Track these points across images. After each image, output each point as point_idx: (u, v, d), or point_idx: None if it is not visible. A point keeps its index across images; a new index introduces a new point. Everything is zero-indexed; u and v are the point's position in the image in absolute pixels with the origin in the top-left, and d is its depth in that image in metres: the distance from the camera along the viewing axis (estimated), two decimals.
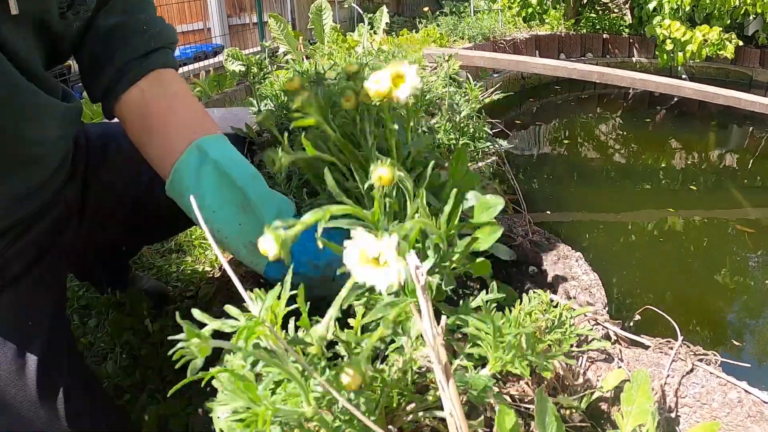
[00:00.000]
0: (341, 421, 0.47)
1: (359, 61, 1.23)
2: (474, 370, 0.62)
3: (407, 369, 0.56)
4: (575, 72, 3.61)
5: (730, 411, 0.74)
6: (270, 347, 0.40)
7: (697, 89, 3.48)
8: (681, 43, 5.00)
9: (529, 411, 0.69)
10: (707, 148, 4.08)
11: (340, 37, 3.36)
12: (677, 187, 3.24)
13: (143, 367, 1.39)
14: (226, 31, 6.02)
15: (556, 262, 1.03)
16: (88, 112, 2.84)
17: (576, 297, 0.92)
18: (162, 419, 1.22)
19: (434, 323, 0.36)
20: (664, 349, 0.84)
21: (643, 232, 2.65)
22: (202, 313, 0.38)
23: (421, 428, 0.60)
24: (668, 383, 0.77)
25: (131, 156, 0.93)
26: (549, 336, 0.66)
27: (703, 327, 1.90)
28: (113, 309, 1.58)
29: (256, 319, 0.37)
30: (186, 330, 0.32)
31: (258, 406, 0.39)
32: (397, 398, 0.56)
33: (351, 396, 0.46)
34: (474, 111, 1.23)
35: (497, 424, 0.53)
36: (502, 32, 5.56)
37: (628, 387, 0.60)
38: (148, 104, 0.87)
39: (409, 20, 6.84)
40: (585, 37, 6.10)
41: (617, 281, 2.16)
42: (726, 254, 2.44)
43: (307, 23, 3.63)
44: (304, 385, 0.41)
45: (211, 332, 0.36)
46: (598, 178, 3.41)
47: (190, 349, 0.33)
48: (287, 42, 3.21)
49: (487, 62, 3.86)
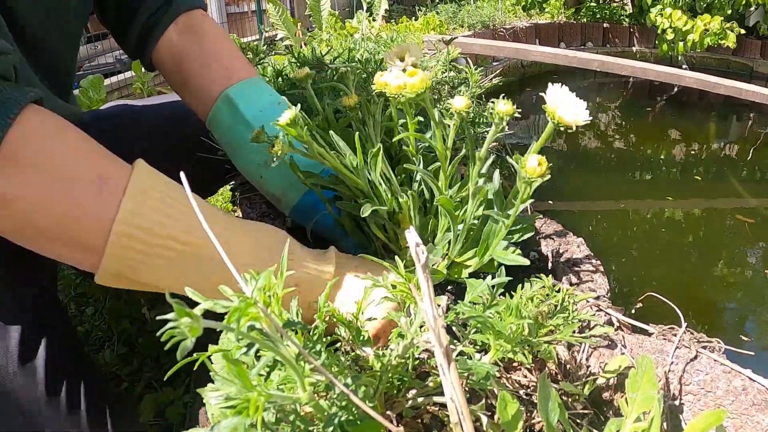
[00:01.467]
0: (338, 407, 0.46)
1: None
2: (476, 356, 0.61)
3: (408, 354, 0.54)
4: (575, 60, 3.59)
5: (735, 399, 0.73)
6: (265, 330, 0.39)
7: (698, 78, 3.45)
8: (682, 33, 4.96)
9: (531, 399, 0.67)
10: (707, 138, 4.06)
11: (338, 23, 3.33)
12: (678, 177, 3.23)
13: (141, 355, 1.38)
14: (224, 20, 5.98)
15: (557, 248, 1.01)
16: (85, 101, 2.83)
17: (578, 283, 0.91)
18: (160, 407, 1.22)
19: (435, 304, 0.35)
20: (668, 336, 0.83)
21: (644, 220, 2.64)
22: (195, 292, 0.37)
23: (422, 414, 0.59)
24: (672, 370, 0.76)
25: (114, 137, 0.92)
26: (551, 321, 0.65)
27: (706, 315, 1.90)
28: (111, 297, 1.57)
29: (248, 300, 0.36)
30: (176, 309, 0.30)
31: (251, 391, 0.37)
32: (397, 384, 0.55)
33: (348, 381, 0.45)
34: (474, 96, 1.21)
35: (499, 411, 0.52)
36: (502, 20, 5.52)
37: (633, 373, 0.59)
38: (180, 54, 0.88)
39: (408, 8, 6.79)
40: (585, 26, 6.06)
41: (619, 269, 2.15)
42: (727, 243, 2.43)
43: (306, 10, 3.59)
44: (298, 370, 0.39)
45: (203, 313, 0.35)
46: (598, 167, 3.39)
47: (180, 329, 0.31)
48: (286, 28, 3.18)
49: (486, 50, 3.83)
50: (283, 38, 3.27)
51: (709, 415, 0.55)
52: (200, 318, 0.32)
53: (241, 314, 0.35)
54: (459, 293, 0.86)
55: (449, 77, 1.43)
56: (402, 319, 0.53)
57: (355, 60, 1.20)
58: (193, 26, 0.90)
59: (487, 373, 0.54)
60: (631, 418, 0.56)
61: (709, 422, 0.54)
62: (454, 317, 0.60)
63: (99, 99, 2.88)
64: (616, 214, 2.69)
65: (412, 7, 6.58)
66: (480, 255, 0.78)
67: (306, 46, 2.54)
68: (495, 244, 0.76)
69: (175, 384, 1.27)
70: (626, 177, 3.20)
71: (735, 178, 3.20)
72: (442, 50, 1.54)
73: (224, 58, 0.89)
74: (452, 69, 1.53)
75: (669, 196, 2.84)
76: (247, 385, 0.36)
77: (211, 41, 0.90)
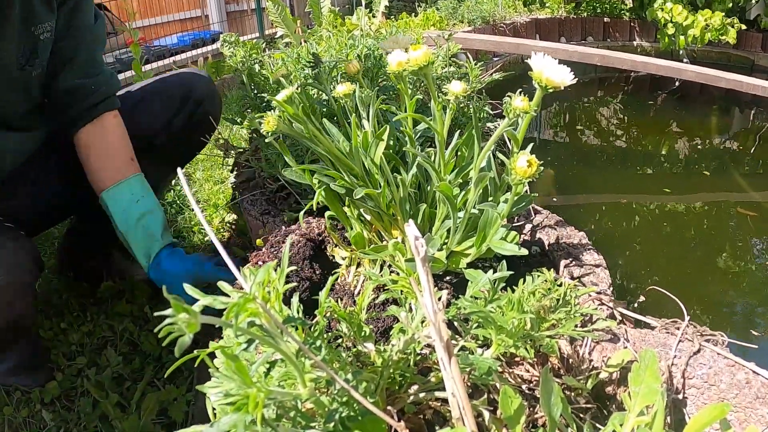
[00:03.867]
0: (339, 403, 0.46)
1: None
2: (478, 351, 0.61)
3: (409, 349, 0.54)
4: (576, 55, 3.57)
5: (738, 392, 0.72)
6: (265, 326, 0.39)
7: (699, 72, 3.44)
8: (683, 27, 4.94)
9: (533, 393, 0.67)
10: (709, 132, 4.05)
11: (338, 20, 3.33)
12: (679, 171, 3.22)
13: (143, 354, 1.38)
14: (224, 18, 5.98)
15: (559, 242, 1.01)
16: None
17: (580, 278, 0.90)
18: (162, 405, 1.22)
19: (435, 298, 0.35)
20: (671, 330, 0.82)
21: (646, 214, 2.64)
22: (193, 288, 0.36)
23: (423, 410, 0.58)
24: (675, 364, 0.76)
25: None
26: (553, 315, 0.65)
27: (709, 308, 1.89)
28: (113, 297, 1.57)
29: (246, 296, 0.35)
30: (173, 304, 0.30)
31: (250, 388, 0.37)
32: (399, 379, 0.55)
33: (349, 377, 0.45)
34: (474, 90, 1.21)
35: (501, 406, 0.52)
36: (502, 16, 5.51)
37: (636, 367, 0.58)
38: (89, 145, 1.26)
39: (408, 4, 6.77)
40: (586, 21, 6.04)
41: (621, 263, 2.14)
42: (729, 237, 2.42)
43: (305, 7, 3.59)
44: (298, 366, 0.39)
45: (202, 309, 0.34)
46: (599, 161, 3.38)
47: (177, 325, 0.31)
48: (285, 25, 3.17)
49: (486, 45, 3.82)
50: (282, 36, 3.26)
51: (713, 408, 0.54)
52: (198, 314, 0.32)
53: (239, 310, 0.35)
54: (458, 284, 0.85)
55: (449, 72, 1.42)
56: (402, 314, 0.53)
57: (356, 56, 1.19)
58: (103, 127, 1.27)
59: (489, 368, 0.53)
60: (635, 412, 0.56)
61: (712, 416, 0.53)
62: (456, 312, 0.60)
63: None
64: (617, 208, 2.68)
65: (412, 3, 6.56)
66: (477, 245, 0.78)
67: (304, 44, 2.54)
68: (492, 234, 0.75)
69: (178, 382, 1.27)
70: (628, 171, 3.19)
71: (737, 171, 3.19)
72: (442, 46, 1.54)
73: (110, 163, 1.27)
74: (452, 64, 1.52)
75: (671, 190, 2.83)
76: (247, 381, 0.36)
77: (109, 144, 1.27)
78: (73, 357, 1.38)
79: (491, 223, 0.75)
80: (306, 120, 0.72)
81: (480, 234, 0.76)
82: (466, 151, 0.82)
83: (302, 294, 0.87)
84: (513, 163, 0.67)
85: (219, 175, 2.47)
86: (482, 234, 0.76)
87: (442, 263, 0.78)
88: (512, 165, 0.67)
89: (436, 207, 0.84)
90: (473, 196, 0.76)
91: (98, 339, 1.45)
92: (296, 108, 0.69)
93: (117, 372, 1.33)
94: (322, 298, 0.54)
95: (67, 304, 1.57)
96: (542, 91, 0.68)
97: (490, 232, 0.75)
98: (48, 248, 1.87)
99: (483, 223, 0.76)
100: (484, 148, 0.75)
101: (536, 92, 0.69)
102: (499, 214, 0.73)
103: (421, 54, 0.70)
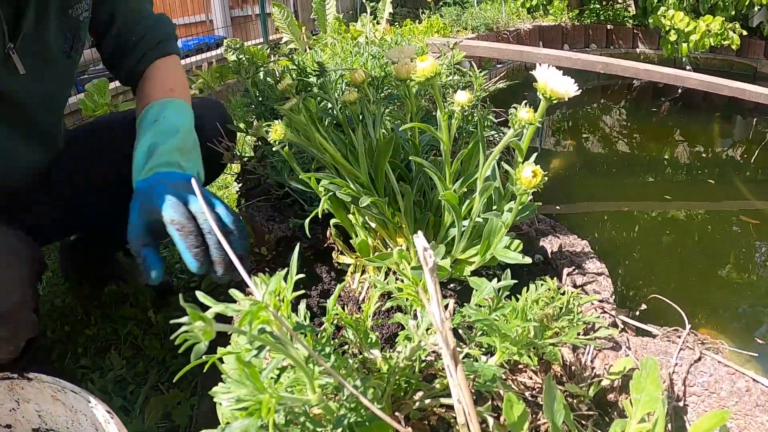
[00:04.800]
0: (347, 408, 0.47)
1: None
2: (482, 359, 0.62)
3: (415, 357, 0.55)
4: (579, 62, 3.59)
5: (739, 400, 0.73)
6: (275, 333, 0.40)
7: (703, 80, 3.45)
8: (685, 34, 4.96)
9: (536, 400, 0.68)
10: (712, 139, 4.06)
11: (342, 27, 3.34)
12: (682, 179, 3.22)
13: (147, 357, 1.39)
14: (228, 23, 6.00)
15: (562, 250, 1.02)
16: (90, 105, 2.85)
17: (583, 286, 0.91)
18: (166, 409, 1.22)
19: (442, 307, 0.36)
20: (672, 338, 0.83)
21: (648, 222, 2.64)
22: (206, 296, 0.37)
23: (428, 416, 0.59)
24: (676, 372, 0.77)
25: None
26: (556, 323, 0.66)
27: (710, 316, 1.89)
28: (117, 301, 1.58)
29: (259, 304, 0.36)
30: (189, 312, 0.31)
31: (262, 393, 0.38)
32: (404, 386, 0.56)
33: (357, 383, 0.46)
34: (478, 99, 1.22)
35: (505, 413, 0.53)
36: (506, 23, 5.53)
37: (637, 374, 0.59)
38: (144, 78, 1.22)
39: (412, 11, 6.79)
40: (589, 28, 6.06)
41: (623, 271, 2.14)
42: (731, 245, 2.43)
43: (310, 14, 3.60)
44: (308, 372, 0.40)
45: (215, 316, 0.35)
46: (602, 169, 3.39)
47: (193, 332, 0.32)
48: (290, 31, 3.19)
49: (490, 52, 3.83)
50: (287, 41, 3.28)
51: (713, 415, 0.55)
52: (213, 321, 0.33)
53: (252, 317, 0.36)
54: (461, 292, 0.86)
55: (453, 80, 1.43)
56: (411, 322, 0.54)
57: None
58: (159, 68, 1.24)
59: (494, 375, 0.54)
60: (636, 419, 0.57)
61: (712, 423, 0.54)
62: (461, 320, 0.61)
63: (104, 103, 2.89)
64: (619, 216, 2.69)
65: (416, 10, 6.58)
66: (482, 253, 0.79)
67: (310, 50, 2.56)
68: (496, 243, 0.76)
69: (182, 386, 1.28)
70: (631, 179, 3.20)
71: (739, 179, 3.19)
72: (446, 53, 1.55)
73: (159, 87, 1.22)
74: (456, 72, 1.53)
75: (674, 198, 2.84)
76: (259, 386, 0.37)
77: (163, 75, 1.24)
78: (76, 360, 1.39)
79: (495, 232, 0.76)
80: (312, 129, 0.73)
81: (484, 242, 0.78)
82: (470, 161, 0.84)
83: (309, 301, 0.88)
84: (518, 173, 0.68)
85: (223, 181, 2.49)
86: (486, 242, 0.77)
87: (447, 271, 0.79)
88: (517, 175, 0.68)
89: (440, 215, 0.85)
90: (478, 204, 0.77)
91: (102, 342, 1.45)
92: (304, 117, 0.70)
93: (121, 375, 1.33)
94: (329, 306, 0.55)
95: (70, 307, 1.58)
96: (547, 102, 0.69)
97: (494, 240, 0.76)
98: (52, 251, 1.88)
99: (487, 232, 0.77)
100: (489, 158, 0.76)
101: (540, 103, 0.70)
102: (504, 222, 0.74)
103: (429, 65, 0.71)
